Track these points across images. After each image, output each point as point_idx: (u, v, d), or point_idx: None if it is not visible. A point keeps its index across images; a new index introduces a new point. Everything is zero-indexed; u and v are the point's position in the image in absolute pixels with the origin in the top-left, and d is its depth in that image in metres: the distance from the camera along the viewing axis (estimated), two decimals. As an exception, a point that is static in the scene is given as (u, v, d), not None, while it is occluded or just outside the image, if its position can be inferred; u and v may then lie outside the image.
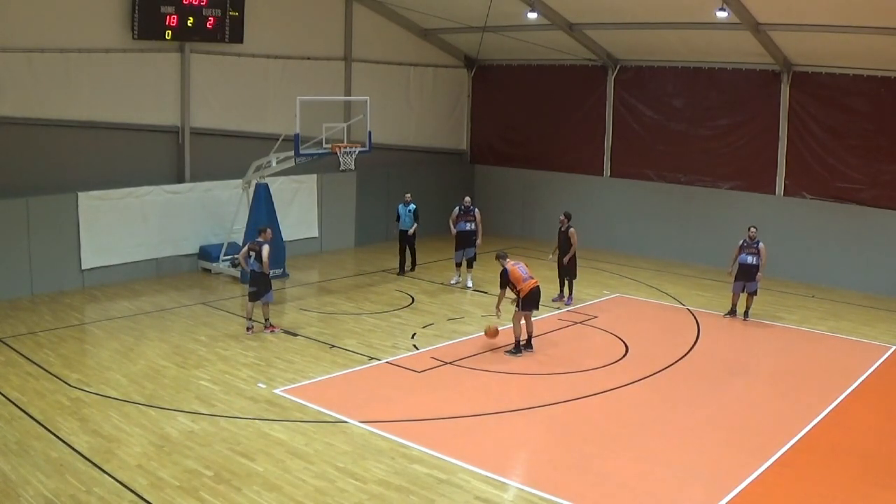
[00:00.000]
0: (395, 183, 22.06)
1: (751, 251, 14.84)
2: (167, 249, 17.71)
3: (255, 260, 13.44)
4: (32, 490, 8.06)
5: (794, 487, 8.60)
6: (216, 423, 9.86)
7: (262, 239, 13.51)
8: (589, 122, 21.91)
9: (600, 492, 8.43)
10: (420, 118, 23.20)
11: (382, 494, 8.20)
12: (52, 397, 10.56)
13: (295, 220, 19.65)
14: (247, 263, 13.64)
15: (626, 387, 11.49)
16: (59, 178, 16.30)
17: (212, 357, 12.38)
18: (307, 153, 16.25)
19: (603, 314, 15.25)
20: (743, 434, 9.96)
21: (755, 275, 14.79)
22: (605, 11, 18.34)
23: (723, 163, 19.65)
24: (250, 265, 13.55)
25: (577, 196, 22.04)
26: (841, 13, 15.23)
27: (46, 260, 15.81)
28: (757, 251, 14.78)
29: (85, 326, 14.07)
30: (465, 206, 17.38)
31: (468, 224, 17.22)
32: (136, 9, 16.58)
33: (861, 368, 12.47)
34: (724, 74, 19.46)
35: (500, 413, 10.42)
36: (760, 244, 14.82)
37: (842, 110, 17.82)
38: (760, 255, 14.75)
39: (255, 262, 13.47)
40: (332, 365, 12.16)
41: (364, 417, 10.12)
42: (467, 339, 13.58)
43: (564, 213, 16.33)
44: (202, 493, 8.09)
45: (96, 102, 16.74)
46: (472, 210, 17.34)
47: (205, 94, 18.38)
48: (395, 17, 21.65)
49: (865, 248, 17.58)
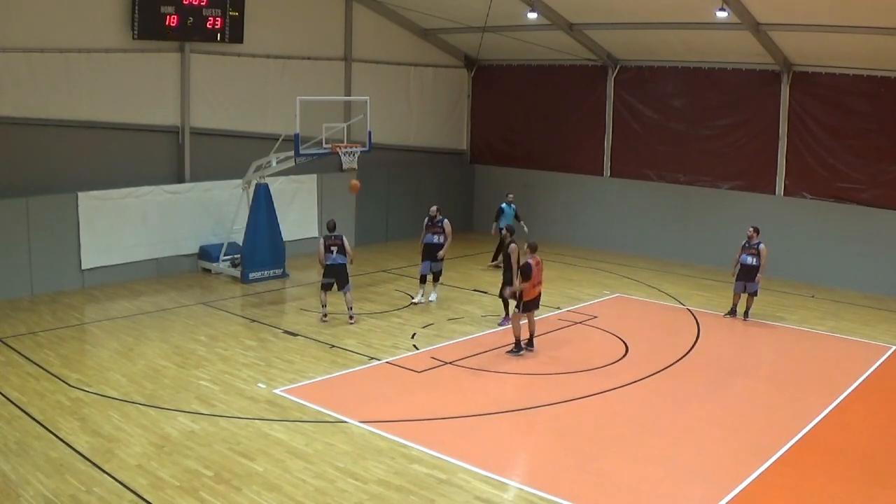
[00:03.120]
0: (395, 183, 22.09)
1: (751, 252, 14.85)
2: (167, 249, 17.71)
3: (339, 253, 14.11)
4: (32, 490, 8.05)
5: (794, 487, 8.59)
6: (216, 423, 9.86)
7: (339, 232, 14.34)
8: (589, 122, 21.91)
9: (600, 492, 8.43)
10: (420, 118, 23.21)
11: (382, 494, 8.20)
12: (52, 397, 10.56)
13: (295, 220, 19.65)
14: (326, 259, 14.10)
15: (626, 387, 11.48)
16: (59, 178, 16.31)
17: (212, 357, 12.38)
18: (307, 153, 16.25)
19: (603, 314, 15.25)
20: (743, 434, 9.95)
21: (755, 276, 14.79)
22: (605, 11, 18.34)
23: (723, 163, 19.66)
24: (332, 259, 14.08)
25: (577, 196, 22.07)
26: (841, 13, 15.23)
27: (46, 260, 15.82)
28: (757, 252, 14.78)
29: (85, 326, 14.07)
30: (432, 217, 15.95)
31: (435, 236, 15.79)
32: (136, 9, 16.59)
33: (861, 368, 12.47)
34: (724, 74, 19.46)
35: (501, 413, 10.41)
36: (761, 245, 14.80)
37: (842, 110, 17.82)
38: (760, 257, 14.74)
39: (338, 255, 14.11)
40: (332, 365, 12.15)
41: (364, 417, 10.12)
42: (467, 339, 13.58)
43: (506, 227, 14.72)
44: (202, 493, 8.09)
45: (96, 102, 16.75)
46: (440, 222, 15.88)
47: (205, 94, 18.39)
48: (395, 17, 21.65)
49: (865, 248, 17.58)
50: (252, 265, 17.24)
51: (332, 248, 14.09)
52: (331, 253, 14.08)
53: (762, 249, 14.77)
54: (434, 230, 15.88)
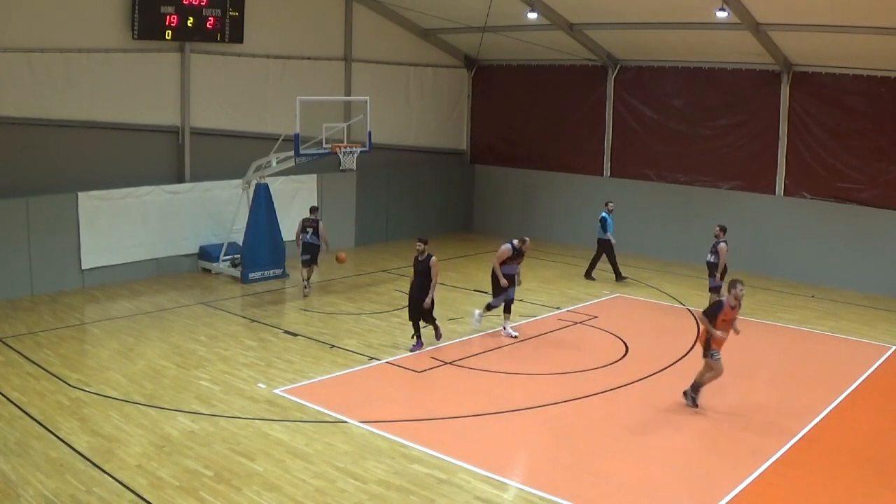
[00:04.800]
0: (395, 183, 22.09)
1: (711, 250, 15.16)
2: (167, 249, 17.71)
3: (314, 234, 16.09)
4: (32, 490, 8.06)
5: (794, 487, 8.59)
6: (216, 423, 9.86)
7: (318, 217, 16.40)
8: (589, 122, 21.91)
9: (600, 492, 8.43)
10: (420, 118, 23.20)
11: (382, 494, 8.20)
12: (52, 397, 10.56)
13: (295, 220, 19.51)
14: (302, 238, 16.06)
15: (626, 387, 11.49)
16: (59, 178, 16.32)
17: (212, 357, 12.38)
18: (307, 153, 16.26)
19: (603, 314, 15.25)
20: (743, 434, 9.96)
21: (713, 272, 15.05)
22: (605, 11, 18.35)
23: (723, 163, 19.65)
24: (306, 238, 16.03)
25: (577, 196, 22.07)
26: (841, 13, 15.23)
27: (46, 260, 15.82)
28: (715, 251, 15.01)
29: (85, 326, 14.07)
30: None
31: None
32: (136, 9, 16.60)
33: (861, 368, 12.47)
34: (724, 74, 19.46)
35: (500, 413, 10.41)
36: (720, 244, 14.97)
37: (842, 110, 17.82)
38: (719, 255, 14.93)
39: (313, 236, 16.07)
40: (332, 365, 12.16)
41: (364, 417, 10.12)
42: (467, 339, 13.59)
43: (420, 239, 13.07)
44: (202, 493, 8.09)
45: (96, 102, 16.76)
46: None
47: (205, 94, 18.39)
48: (395, 17, 21.65)
49: (865, 248, 17.58)
50: (252, 265, 17.23)
51: (307, 229, 16.11)
52: (306, 233, 16.05)
53: (720, 248, 14.95)
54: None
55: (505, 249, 13.58)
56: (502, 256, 13.57)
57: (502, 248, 13.61)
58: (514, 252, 13.62)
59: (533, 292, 16.78)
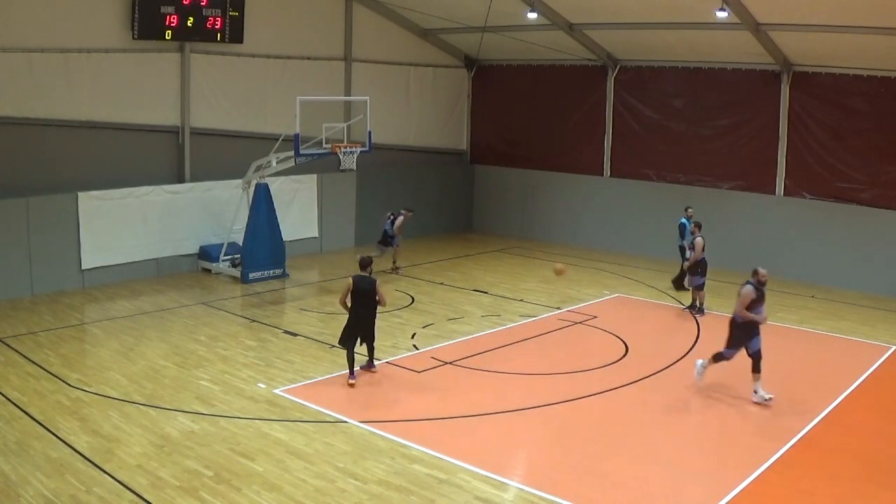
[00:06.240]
0: (396, 183, 22.08)
1: (689, 245, 15.50)
2: (167, 249, 17.71)
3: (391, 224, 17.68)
4: (32, 490, 8.05)
5: (794, 487, 8.59)
6: (216, 423, 9.86)
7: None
8: (589, 122, 21.91)
9: (600, 492, 8.43)
10: (420, 118, 23.20)
11: (382, 494, 8.20)
12: (52, 397, 10.56)
13: (295, 220, 19.66)
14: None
15: (626, 387, 11.48)
16: (59, 178, 16.30)
17: (212, 357, 12.38)
18: (307, 153, 16.25)
19: (603, 314, 15.25)
20: (743, 434, 9.96)
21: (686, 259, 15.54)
22: (605, 11, 18.34)
23: (723, 163, 19.65)
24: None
25: (577, 196, 22.07)
26: (841, 13, 15.23)
27: (46, 260, 15.81)
28: (692, 245, 15.34)
29: (85, 326, 14.07)
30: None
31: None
32: (136, 9, 16.59)
33: (861, 368, 12.47)
34: (724, 74, 19.46)
35: (500, 413, 10.41)
36: (697, 239, 15.22)
37: (842, 110, 17.82)
38: (695, 249, 15.20)
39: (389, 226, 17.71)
40: (332, 365, 12.15)
41: (364, 417, 10.12)
42: (467, 339, 13.58)
43: (362, 258, 11.64)
44: (202, 493, 8.09)
45: (96, 102, 16.75)
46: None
47: (205, 94, 18.39)
48: (395, 17, 21.65)
49: (865, 248, 17.57)
50: (252, 265, 17.23)
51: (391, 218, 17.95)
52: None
53: (696, 243, 15.20)
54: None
55: (748, 291, 10.94)
56: (746, 300, 10.93)
57: (743, 290, 10.97)
58: (757, 293, 10.96)
59: (533, 292, 16.78)
